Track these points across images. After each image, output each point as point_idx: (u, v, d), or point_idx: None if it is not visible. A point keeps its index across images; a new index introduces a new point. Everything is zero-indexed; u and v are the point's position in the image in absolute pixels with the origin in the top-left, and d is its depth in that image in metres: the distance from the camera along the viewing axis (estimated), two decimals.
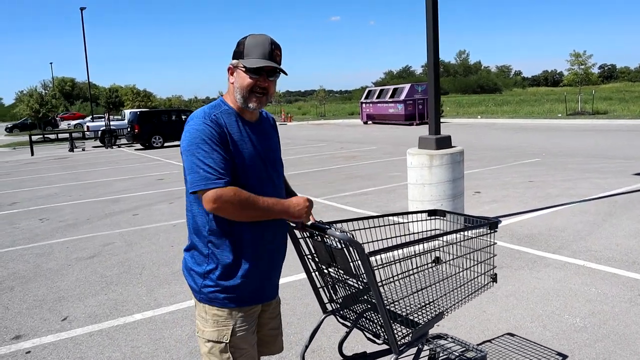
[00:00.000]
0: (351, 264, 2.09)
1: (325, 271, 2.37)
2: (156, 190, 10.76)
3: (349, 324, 2.50)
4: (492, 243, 2.45)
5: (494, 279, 2.48)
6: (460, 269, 2.46)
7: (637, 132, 17.69)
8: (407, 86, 28.76)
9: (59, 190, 11.76)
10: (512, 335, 3.49)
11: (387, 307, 2.25)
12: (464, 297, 2.47)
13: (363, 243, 2.75)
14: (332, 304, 2.52)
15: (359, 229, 2.67)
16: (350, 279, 2.27)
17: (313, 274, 2.47)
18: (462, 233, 2.33)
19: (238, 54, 2.00)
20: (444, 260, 2.50)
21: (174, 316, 4.14)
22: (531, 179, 9.39)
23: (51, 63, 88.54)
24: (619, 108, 30.02)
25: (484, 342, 3.41)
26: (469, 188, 8.68)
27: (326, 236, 2.14)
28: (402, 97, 28.06)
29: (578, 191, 8.06)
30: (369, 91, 32.75)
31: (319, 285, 2.49)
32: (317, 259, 2.39)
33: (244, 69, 1.97)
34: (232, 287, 2.02)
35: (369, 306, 2.35)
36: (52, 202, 10.05)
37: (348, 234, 2.03)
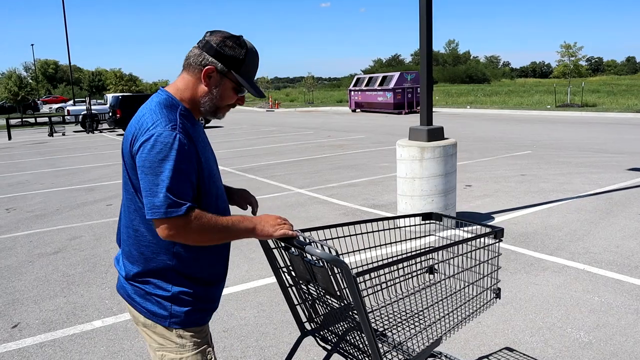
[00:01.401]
0: (334, 284, 1.72)
1: (304, 288, 1.99)
2: None
3: (329, 347, 2.13)
4: (497, 254, 2.08)
5: (498, 294, 2.12)
6: (462, 285, 2.09)
7: (626, 126, 17.50)
8: (396, 75, 28.33)
9: (31, 177, 11.23)
10: (511, 350, 3.15)
11: (378, 334, 1.88)
12: (465, 317, 2.10)
13: (350, 252, 2.37)
14: (312, 324, 2.14)
15: (346, 236, 2.30)
16: (332, 299, 1.89)
17: (289, 289, 2.09)
18: (463, 244, 1.95)
19: (232, 62, 1.70)
20: (437, 270, 2.14)
21: None
22: (523, 173, 9.08)
23: (32, 45, 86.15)
24: (607, 101, 29.90)
25: (481, 359, 3.07)
26: (459, 181, 8.34)
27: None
28: (391, 85, 27.65)
29: (572, 186, 7.76)
30: (358, 79, 32.26)
31: (296, 302, 2.11)
32: (293, 274, 2.01)
33: (233, 85, 1.73)
34: (210, 298, 1.80)
35: (353, 325, 1.99)
36: (22, 191, 9.54)
37: (332, 250, 1.65)
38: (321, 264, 1.73)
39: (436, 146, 5.42)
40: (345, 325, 2.01)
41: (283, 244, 1.92)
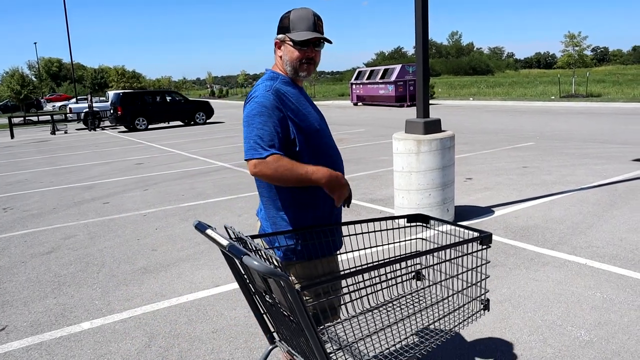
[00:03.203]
0: (284, 297, 1.60)
1: (268, 298, 1.87)
2: (132, 176, 10.21)
3: None
4: (484, 262, 1.94)
5: (486, 306, 1.97)
6: (444, 295, 1.96)
7: (632, 116, 17.27)
8: (398, 67, 28.11)
9: (31, 176, 11.17)
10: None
11: (344, 348, 1.76)
12: (445, 330, 1.93)
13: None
14: (279, 334, 2.03)
15: (325, 240, 2.19)
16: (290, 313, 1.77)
17: (254, 296, 1.97)
18: (446, 250, 1.80)
19: (284, 28, 2.11)
20: (425, 276, 2.02)
21: (126, 325, 3.66)
22: (525, 165, 8.93)
23: (35, 43, 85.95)
24: (612, 91, 29.55)
25: None
26: (460, 174, 8.22)
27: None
28: (393, 78, 27.44)
29: (575, 178, 7.62)
30: (359, 72, 32.03)
31: (262, 311, 1.99)
32: (252, 283, 1.90)
33: (291, 43, 2.08)
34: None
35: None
36: (20, 190, 9.48)
37: (273, 259, 1.54)
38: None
39: (433, 139, 5.30)
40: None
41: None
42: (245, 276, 1.89)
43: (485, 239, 1.86)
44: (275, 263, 1.60)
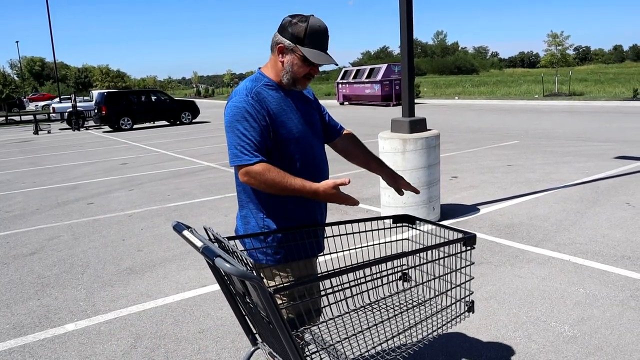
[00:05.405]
0: (259, 299, 1.59)
1: (248, 300, 1.86)
2: (117, 176, 10.12)
3: None
4: (468, 263, 1.93)
5: (470, 308, 1.96)
6: (427, 296, 1.96)
7: (614, 114, 17.50)
8: (384, 66, 28.18)
9: (13, 176, 11.02)
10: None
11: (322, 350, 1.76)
12: (425, 335, 1.91)
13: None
14: (261, 336, 2.02)
15: (308, 240, 2.19)
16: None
17: (235, 298, 1.96)
18: (430, 251, 1.79)
19: (297, 38, 1.96)
20: (411, 278, 2.02)
21: (111, 326, 3.63)
22: (510, 163, 9.01)
23: (17, 42, 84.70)
24: (594, 89, 29.93)
25: None
26: (445, 172, 8.27)
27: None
28: (379, 77, 27.51)
29: (559, 176, 7.70)
30: (346, 71, 32.06)
31: (243, 313, 1.98)
32: (232, 285, 1.89)
33: (301, 57, 1.97)
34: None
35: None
36: (2, 190, 9.34)
37: (248, 261, 1.53)
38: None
39: (418, 138, 5.32)
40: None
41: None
42: (226, 278, 1.88)
43: (469, 240, 1.84)
44: (250, 265, 1.59)
